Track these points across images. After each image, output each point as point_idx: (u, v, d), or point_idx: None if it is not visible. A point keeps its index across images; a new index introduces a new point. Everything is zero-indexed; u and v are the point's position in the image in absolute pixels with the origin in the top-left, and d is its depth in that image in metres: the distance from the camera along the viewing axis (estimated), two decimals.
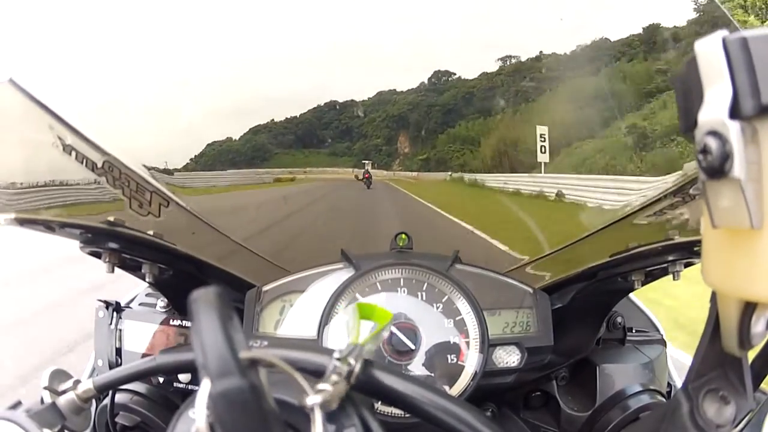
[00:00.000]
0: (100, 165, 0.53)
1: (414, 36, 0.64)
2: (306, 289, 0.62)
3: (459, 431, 0.29)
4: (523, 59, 0.68)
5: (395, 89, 0.72)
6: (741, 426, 0.32)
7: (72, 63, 0.54)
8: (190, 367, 0.40)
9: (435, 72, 0.70)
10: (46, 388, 0.37)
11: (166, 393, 0.63)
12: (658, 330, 0.78)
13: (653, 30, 0.61)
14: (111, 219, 0.55)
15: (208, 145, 0.69)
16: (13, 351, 2.73)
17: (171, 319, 0.66)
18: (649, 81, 0.65)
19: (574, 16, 0.62)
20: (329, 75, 0.68)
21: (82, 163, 0.52)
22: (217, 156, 0.70)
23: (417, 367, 0.57)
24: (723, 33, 0.20)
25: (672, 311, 2.92)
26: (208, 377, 0.20)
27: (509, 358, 0.60)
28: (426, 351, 0.57)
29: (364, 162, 0.76)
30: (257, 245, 0.72)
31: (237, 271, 0.66)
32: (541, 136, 0.70)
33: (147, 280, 0.59)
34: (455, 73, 0.70)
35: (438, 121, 0.74)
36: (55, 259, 4.05)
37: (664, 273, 0.58)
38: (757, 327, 0.24)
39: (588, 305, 0.65)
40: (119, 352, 0.67)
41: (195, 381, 0.62)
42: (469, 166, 0.77)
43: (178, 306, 0.67)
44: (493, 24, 0.64)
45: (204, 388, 0.21)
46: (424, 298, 0.60)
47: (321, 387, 0.25)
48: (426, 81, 0.71)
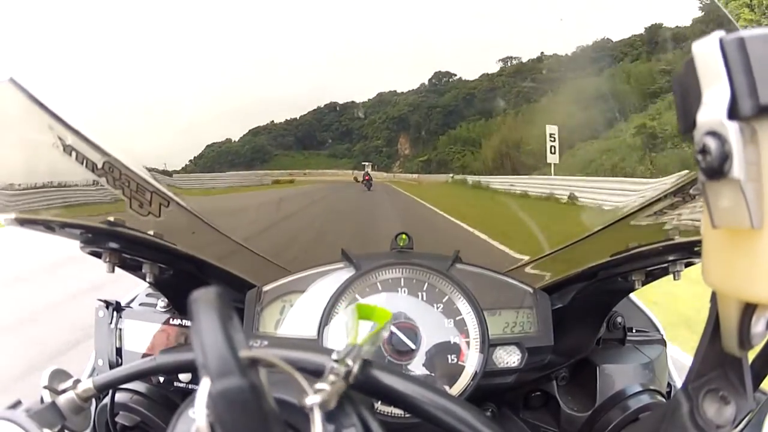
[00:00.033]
0: (100, 165, 0.53)
1: (414, 37, 0.64)
2: (306, 289, 0.62)
3: (459, 431, 0.29)
4: (525, 60, 0.67)
5: (395, 90, 0.71)
6: (741, 426, 0.32)
7: (72, 63, 0.54)
8: (190, 367, 0.40)
9: (435, 73, 0.69)
10: (45, 387, 0.37)
11: (166, 392, 0.63)
12: (658, 330, 0.78)
13: (655, 30, 0.60)
14: (111, 219, 0.55)
15: (207, 147, 0.68)
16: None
17: (171, 319, 0.66)
18: (653, 81, 0.65)
19: (574, 16, 0.62)
20: (329, 76, 0.67)
21: (82, 164, 0.52)
22: (216, 158, 0.69)
23: (417, 367, 0.57)
24: (720, 33, 0.20)
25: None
26: (208, 377, 0.20)
27: (509, 358, 0.60)
28: (426, 351, 0.57)
29: (364, 164, 0.75)
30: (257, 245, 0.72)
31: (237, 271, 0.66)
32: (551, 135, 0.68)
33: (147, 280, 0.59)
34: (456, 74, 0.69)
35: (439, 123, 0.74)
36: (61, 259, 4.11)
37: (664, 273, 0.58)
38: (757, 327, 0.24)
39: (588, 305, 0.65)
40: (119, 351, 0.67)
41: (195, 380, 0.62)
42: (471, 167, 0.76)
43: (178, 306, 0.67)
44: (494, 25, 0.64)
45: (204, 387, 0.21)
46: (424, 298, 0.60)
47: (319, 387, 0.25)
48: (426, 82, 0.70)
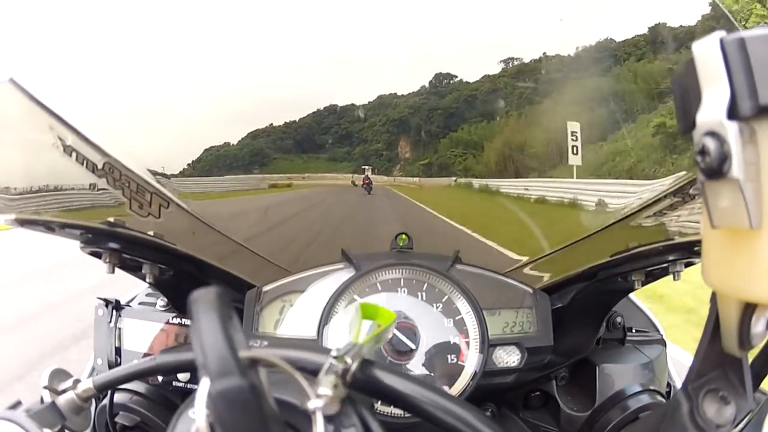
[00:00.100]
0: (100, 166, 0.53)
1: (414, 38, 0.64)
2: (306, 289, 0.62)
3: (459, 431, 0.29)
4: (527, 61, 0.67)
5: (396, 93, 0.70)
6: (741, 426, 0.32)
7: (72, 64, 0.54)
8: (189, 367, 0.40)
9: (436, 75, 0.69)
10: (45, 387, 0.37)
11: (165, 392, 0.63)
12: (657, 330, 0.78)
13: (659, 29, 0.59)
14: (111, 219, 0.55)
15: (205, 150, 0.68)
16: None
17: (171, 318, 0.66)
18: (662, 80, 0.64)
19: (575, 16, 0.61)
20: (329, 78, 0.67)
21: (82, 165, 0.52)
22: (215, 161, 0.69)
23: (417, 367, 0.57)
24: (720, 34, 0.20)
25: None
26: (208, 377, 0.20)
27: (509, 358, 0.60)
28: (426, 351, 0.57)
29: (364, 167, 0.75)
30: (257, 246, 0.72)
31: (237, 272, 0.66)
32: (573, 134, 0.64)
33: (147, 280, 0.59)
34: (457, 76, 0.69)
35: (440, 125, 0.73)
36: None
37: (664, 273, 0.58)
38: (757, 327, 0.24)
39: (588, 305, 0.65)
40: (119, 351, 0.66)
41: (194, 380, 0.62)
42: (473, 170, 0.75)
43: (178, 306, 0.67)
44: (495, 25, 0.63)
45: (204, 387, 0.21)
46: (424, 298, 0.60)
47: (321, 391, 0.25)
48: (427, 84, 0.69)
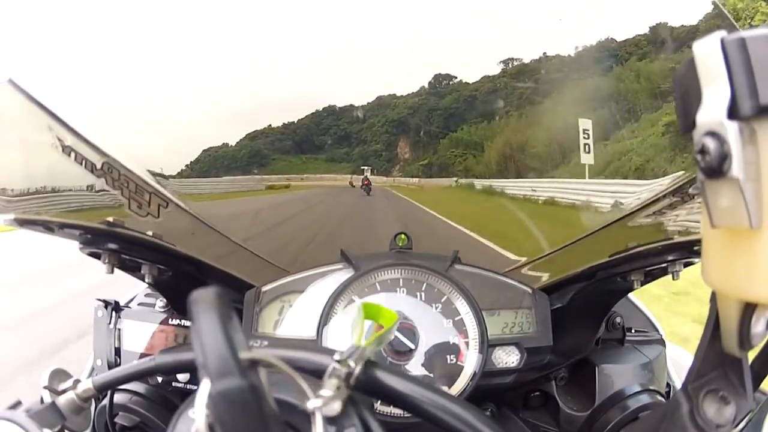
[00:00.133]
0: (99, 166, 0.53)
1: (414, 39, 0.63)
2: (305, 290, 0.62)
3: (460, 431, 0.29)
4: (527, 61, 0.66)
5: (395, 93, 0.70)
6: (741, 426, 0.32)
7: (72, 64, 0.54)
8: (189, 367, 0.40)
9: (435, 75, 0.68)
10: (45, 387, 0.37)
11: (165, 393, 0.63)
12: (657, 330, 0.79)
13: (660, 29, 0.59)
14: (110, 220, 0.55)
15: (203, 151, 0.68)
16: None
17: (170, 319, 0.66)
18: (664, 80, 0.63)
19: (575, 16, 0.61)
20: (328, 79, 0.66)
21: (81, 164, 0.52)
22: (213, 162, 0.68)
23: (416, 368, 0.57)
24: (721, 33, 0.20)
25: None
26: (208, 377, 0.20)
27: (508, 358, 0.60)
28: (425, 351, 0.57)
29: (363, 168, 0.74)
30: (257, 246, 0.71)
31: (236, 272, 0.66)
32: (585, 131, 0.61)
33: (146, 280, 0.59)
34: (456, 77, 0.68)
35: (439, 126, 0.72)
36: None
37: (663, 273, 0.58)
38: (757, 327, 0.24)
39: (587, 305, 0.65)
40: (118, 351, 0.66)
41: (193, 380, 0.62)
42: (473, 171, 0.74)
43: (177, 306, 0.67)
44: (494, 26, 0.63)
45: (204, 388, 0.21)
46: (423, 298, 0.60)
47: (323, 393, 0.25)
48: (426, 84, 0.69)
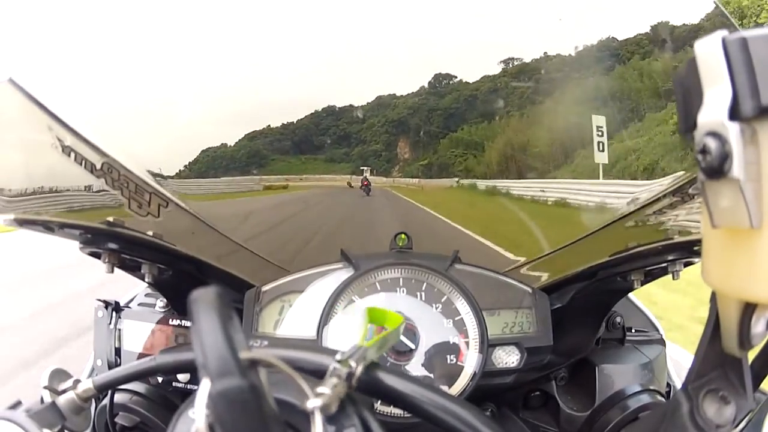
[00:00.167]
0: (99, 166, 0.53)
1: (413, 39, 0.63)
2: (305, 289, 0.62)
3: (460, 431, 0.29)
4: (527, 60, 0.66)
5: (395, 93, 0.70)
6: (741, 426, 0.32)
7: (72, 64, 0.54)
8: (189, 367, 0.40)
9: (435, 75, 0.68)
10: (46, 387, 0.37)
11: (165, 393, 0.63)
12: (657, 330, 0.79)
13: (662, 27, 0.59)
14: (110, 219, 0.55)
15: (202, 152, 0.67)
16: None
17: (170, 319, 0.66)
18: (668, 79, 0.62)
19: (575, 15, 0.61)
20: (327, 79, 0.66)
21: (81, 165, 0.52)
22: (211, 162, 0.68)
23: (416, 368, 0.57)
24: (723, 33, 0.20)
25: None
26: (208, 377, 0.20)
27: (508, 358, 0.60)
28: (425, 351, 0.57)
29: (362, 168, 0.74)
30: (257, 245, 0.71)
31: (236, 271, 0.66)
32: (598, 128, 0.58)
33: (146, 280, 0.59)
34: (456, 76, 0.68)
35: (439, 126, 0.72)
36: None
37: (663, 272, 0.58)
38: (757, 327, 0.24)
39: (587, 305, 0.65)
40: (118, 351, 0.66)
41: (194, 380, 0.62)
42: (474, 171, 0.73)
43: (177, 306, 0.67)
44: (495, 25, 0.63)
45: (204, 388, 0.21)
46: (423, 298, 0.60)
47: (321, 390, 0.25)
48: (426, 84, 0.69)
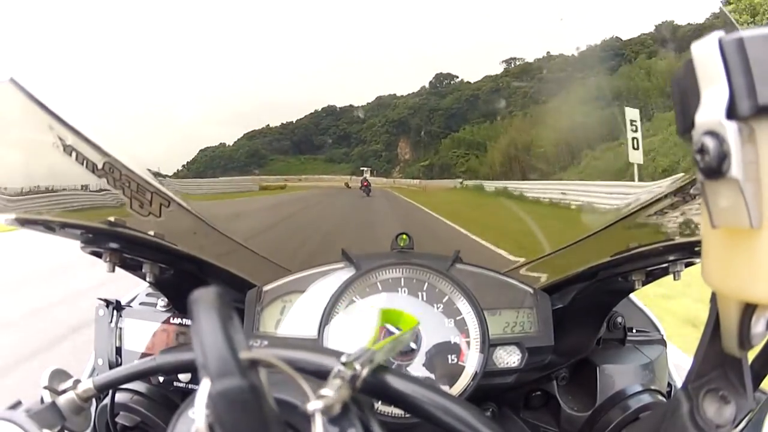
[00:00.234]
0: (100, 166, 0.53)
1: (414, 38, 0.63)
2: (306, 289, 0.62)
3: None
4: (530, 60, 0.65)
5: (395, 93, 0.69)
6: (741, 426, 0.32)
7: (73, 64, 0.54)
8: (190, 367, 0.40)
9: (437, 75, 0.68)
10: (46, 387, 0.37)
11: (166, 392, 0.63)
12: (658, 330, 0.78)
13: (665, 27, 0.58)
14: (112, 219, 0.55)
15: (200, 151, 0.67)
16: None
17: (171, 318, 0.66)
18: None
19: (579, 14, 0.61)
20: (327, 79, 0.66)
21: (82, 164, 0.52)
22: (209, 162, 0.68)
23: (417, 368, 0.57)
24: (719, 34, 0.20)
25: None
26: (208, 377, 0.20)
27: (510, 358, 0.60)
28: (426, 351, 0.57)
29: (362, 169, 0.73)
30: (258, 245, 0.71)
31: (238, 271, 0.66)
32: (632, 122, 0.53)
33: (148, 279, 0.59)
34: (458, 76, 0.68)
35: (441, 126, 0.71)
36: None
37: (664, 273, 0.58)
38: (757, 327, 0.24)
39: (588, 305, 0.65)
40: (119, 351, 0.67)
41: (195, 380, 0.62)
42: (476, 171, 0.73)
43: (178, 306, 0.67)
44: (496, 25, 0.62)
45: (204, 388, 0.21)
46: (424, 298, 0.60)
47: (323, 392, 0.25)
48: (427, 84, 0.68)
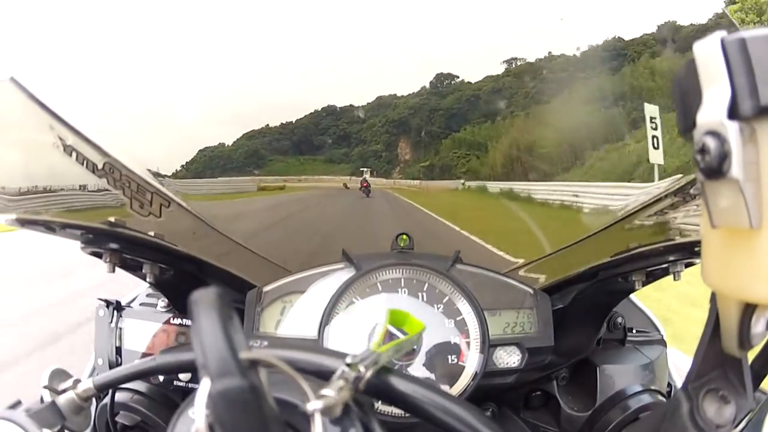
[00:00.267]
0: (100, 166, 0.53)
1: (414, 38, 0.63)
2: (307, 290, 0.62)
3: None
4: (531, 60, 0.65)
5: (396, 93, 0.69)
6: (741, 426, 0.32)
7: (73, 64, 0.54)
8: (190, 367, 0.40)
9: (437, 75, 0.67)
10: (45, 387, 0.37)
11: (166, 392, 0.63)
12: (658, 330, 0.78)
13: (667, 27, 0.58)
14: (112, 219, 0.55)
15: (199, 151, 0.67)
16: None
17: (171, 319, 0.66)
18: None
19: (580, 14, 0.60)
20: (327, 79, 0.66)
21: (83, 165, 0.52)
22: (208, 162, 0.67)
23: (417, 368, 0.57)
24: (721, 34, 0.20)
25: None
26: (208, 377, 0.20)
27: (510, 358, 0.60)
28: (426, 351, 0.57)
29: (362, 169, 0.73)
30: (258, 246, 0.71)
31: (238, 272, 0.66)
32: (652, 120, 0.49)
33: (148, 280, 0.59)
34: (458, 76, 0.67)
35: (441, 126, 0.71)
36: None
37: (664, 273, 0.58)
38: (757, 327, 0.24)
39: (588, 306, 0.65)
40: (119, 351, 0.67)
41: (195, 380, 0.62)
42: (477, 172, 0.72)
43: (178, 306, 0.67)
44: (497, 25, 0.62)
45: (204, 388, 0.21)
46: (424, 298, 0.60)
47: (324, 392, 0.24)
48: (428, 84, 0.68)
